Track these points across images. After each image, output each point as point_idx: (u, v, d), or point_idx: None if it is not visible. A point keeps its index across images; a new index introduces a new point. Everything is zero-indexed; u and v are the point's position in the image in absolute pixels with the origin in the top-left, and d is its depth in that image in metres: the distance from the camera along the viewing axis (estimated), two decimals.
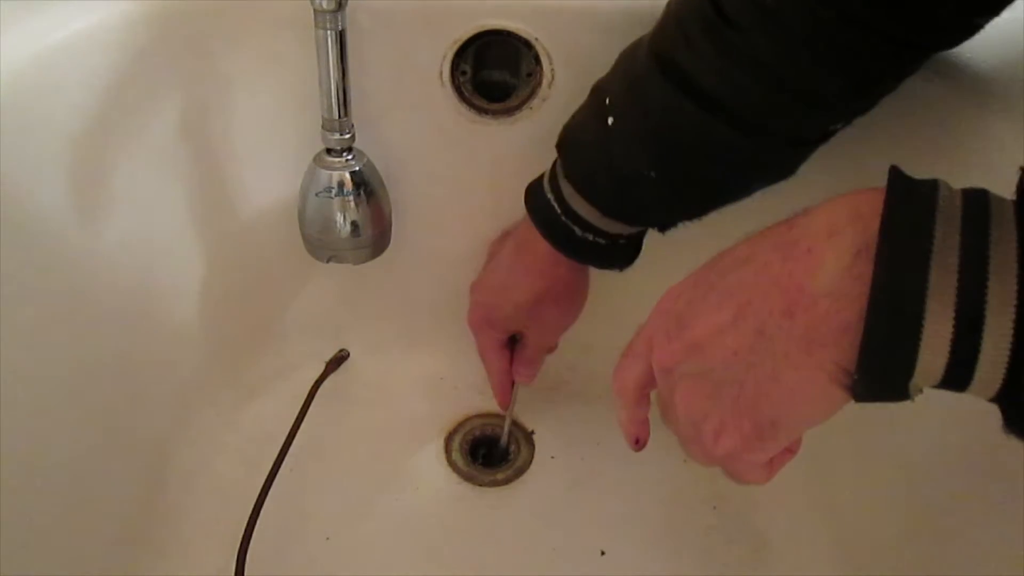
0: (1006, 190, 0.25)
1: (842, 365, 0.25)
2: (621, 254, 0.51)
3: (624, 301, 0.66)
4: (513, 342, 0.59)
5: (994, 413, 0.25)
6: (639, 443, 0.38)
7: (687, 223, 0.49)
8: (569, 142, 0.48)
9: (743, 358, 0.28)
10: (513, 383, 0.60)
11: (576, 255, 0.50)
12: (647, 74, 0.42)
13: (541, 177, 0.51)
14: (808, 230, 0.27)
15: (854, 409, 0.27)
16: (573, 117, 0.49)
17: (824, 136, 0.43)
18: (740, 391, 0.29)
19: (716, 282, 0.30)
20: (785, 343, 0.26)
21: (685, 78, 0.41)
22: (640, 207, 0.47)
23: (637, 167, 0.44)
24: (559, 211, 0.49)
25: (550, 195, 0.49)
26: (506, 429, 0.61)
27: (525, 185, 0.52)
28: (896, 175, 0.25)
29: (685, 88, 0.41)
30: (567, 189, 0.48)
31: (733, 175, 0.45)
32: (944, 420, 0.42)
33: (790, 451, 0.32)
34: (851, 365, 0.25)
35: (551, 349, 0.60)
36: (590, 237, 0.49)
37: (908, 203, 0.24)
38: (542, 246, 0.50)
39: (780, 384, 0.27)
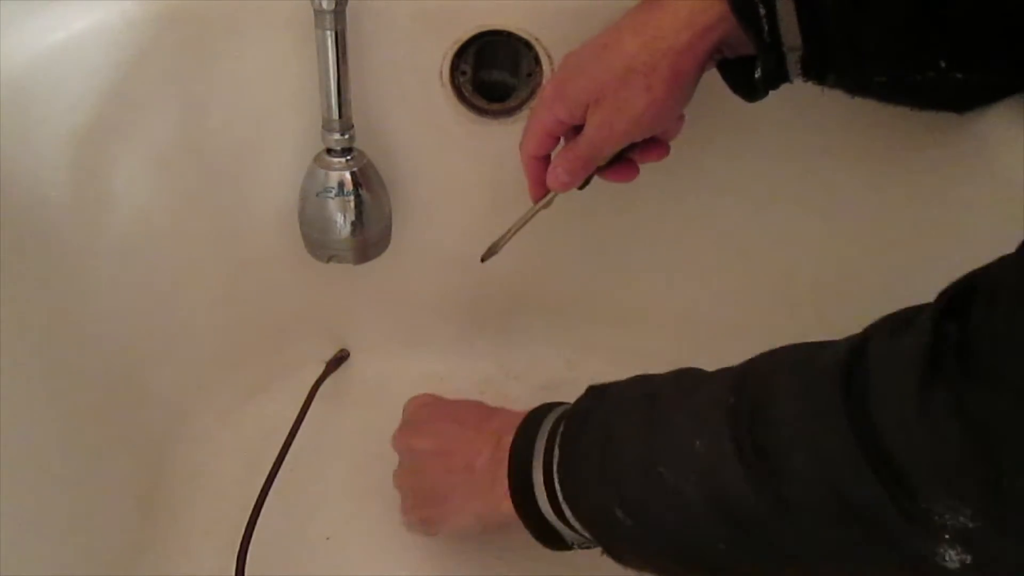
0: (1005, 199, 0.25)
1: None
2: (771, 68, 0.40)
3: (624, 302, 0.66)
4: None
5: None
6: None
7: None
8: None
9: None
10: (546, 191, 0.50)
11: (743, 12, 0.39)
12: None
13: None
14: None
15: None
16: None
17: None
18: None
19: None
20: None
21: None
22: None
23: None
24: None
25: None
26: (513, 230, 0.53)
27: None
28: None
29: None
30: None
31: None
32: None
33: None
34: None
35: (621, 170, 0.47)
36: (762, 11, 0.38)
37: None
38: (681, 1, 0.40)
39: None
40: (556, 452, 0.41)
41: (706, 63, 0.42)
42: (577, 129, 0.46)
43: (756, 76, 0.41)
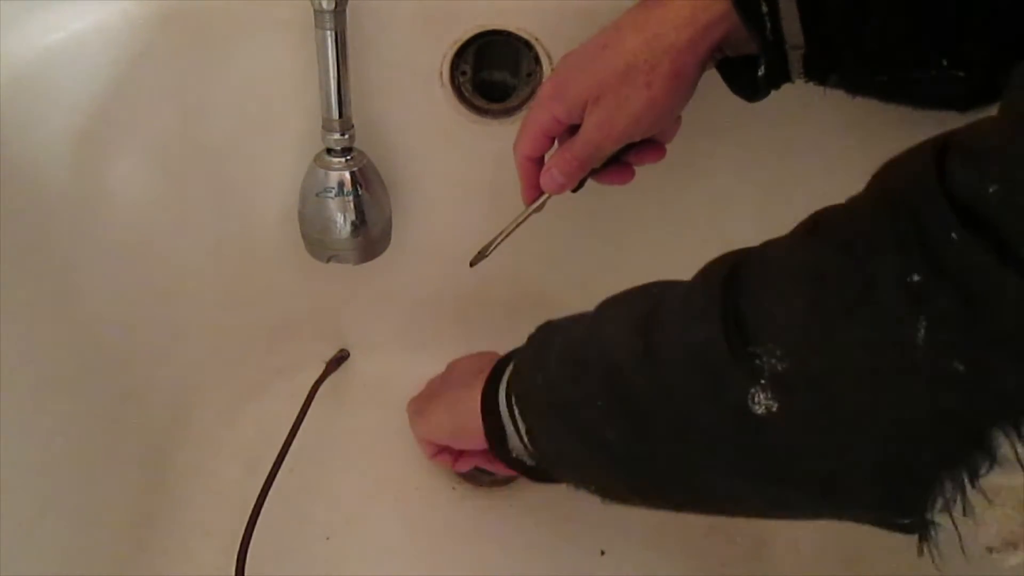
0: None
1: None
2: (773, 66, 0.40)
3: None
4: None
5: None
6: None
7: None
8: None
9: None
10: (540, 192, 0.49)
11: (745, 10, 0.38)
12: None
13: None
14: None
15: None
16: None
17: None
18: None
19: None
20: None
21: None
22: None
23: None
24: None
25: None
26: (504, 235, 0.52)
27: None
28: None
29: None
30: None
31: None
32: None
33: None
34: None
35: (616, 173, 0.47)
36: (764, 9, 0.38)
37: None
38: (686, 2, 0.40)
39: None
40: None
41: (707, 62, 0.42)
42: (573, 130, 0.45)
43: (759, 75, 0.41)
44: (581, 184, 0.48)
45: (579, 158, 0.45)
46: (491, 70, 0.57)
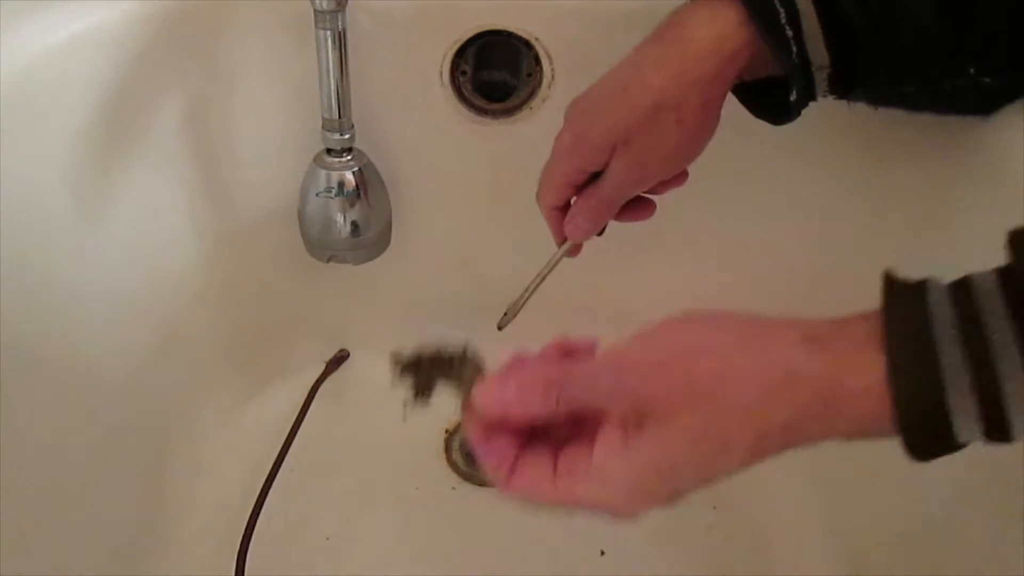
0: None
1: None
2: (802, 88, 0.39)
3: (624, 302, 0.66)
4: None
5: None
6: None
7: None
8: None
9: None
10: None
11: (772, 35, 0.37)
12: None
13: None
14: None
15: None
16: None
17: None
18: None
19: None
20: None
21: None
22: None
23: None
24: None
25: None
26: (531, 289, 0.51)
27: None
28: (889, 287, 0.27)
29: None
30: None
31: None
32: None
33: None
34: None
35: (636, 211, 0.46)
36: (789, 33, 0.37)
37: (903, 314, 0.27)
38: (704, 29, 0.38)
39: None
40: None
41: (729, 88, 0.41)
42: (595, 174, 0.44)
43: (791, 99, 0.39)
44: (603, 227, 0.47)
45: (606, 203, 0.44)
46: (491, 70, 0.57)
